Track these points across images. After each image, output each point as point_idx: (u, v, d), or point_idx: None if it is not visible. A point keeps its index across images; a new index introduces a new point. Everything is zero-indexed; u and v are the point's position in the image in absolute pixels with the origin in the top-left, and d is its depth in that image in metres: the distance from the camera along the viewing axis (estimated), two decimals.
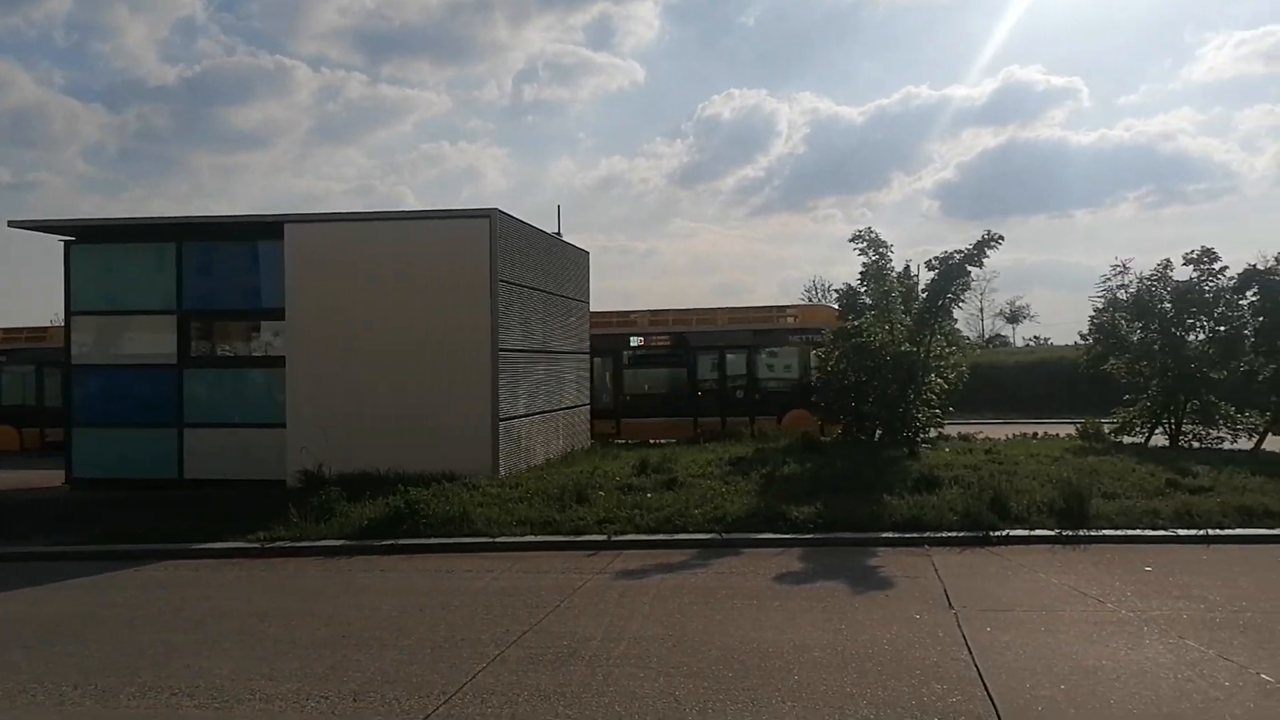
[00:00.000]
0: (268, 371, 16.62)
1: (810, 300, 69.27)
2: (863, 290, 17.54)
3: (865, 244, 17.14)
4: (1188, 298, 18.00)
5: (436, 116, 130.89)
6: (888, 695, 5.86)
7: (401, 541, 11.39)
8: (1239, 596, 8.24)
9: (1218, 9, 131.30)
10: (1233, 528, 10.91)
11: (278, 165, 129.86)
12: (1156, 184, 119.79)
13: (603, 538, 11.22)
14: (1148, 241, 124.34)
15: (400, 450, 15.10)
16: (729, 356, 24.69)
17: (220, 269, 17.16)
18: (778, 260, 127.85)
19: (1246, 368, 16.58)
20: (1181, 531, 10.82)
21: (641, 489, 13.39)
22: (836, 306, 19.50)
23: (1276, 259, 16.10)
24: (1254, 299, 16.40)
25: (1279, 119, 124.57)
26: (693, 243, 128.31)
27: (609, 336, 24.57)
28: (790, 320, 25.16)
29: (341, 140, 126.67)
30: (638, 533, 11.35)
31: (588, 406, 21.30)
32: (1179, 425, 18.28)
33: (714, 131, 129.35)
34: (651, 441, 22.55)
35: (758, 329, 24.84)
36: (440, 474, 14.19)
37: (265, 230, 16.58)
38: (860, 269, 17.26)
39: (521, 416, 16.78)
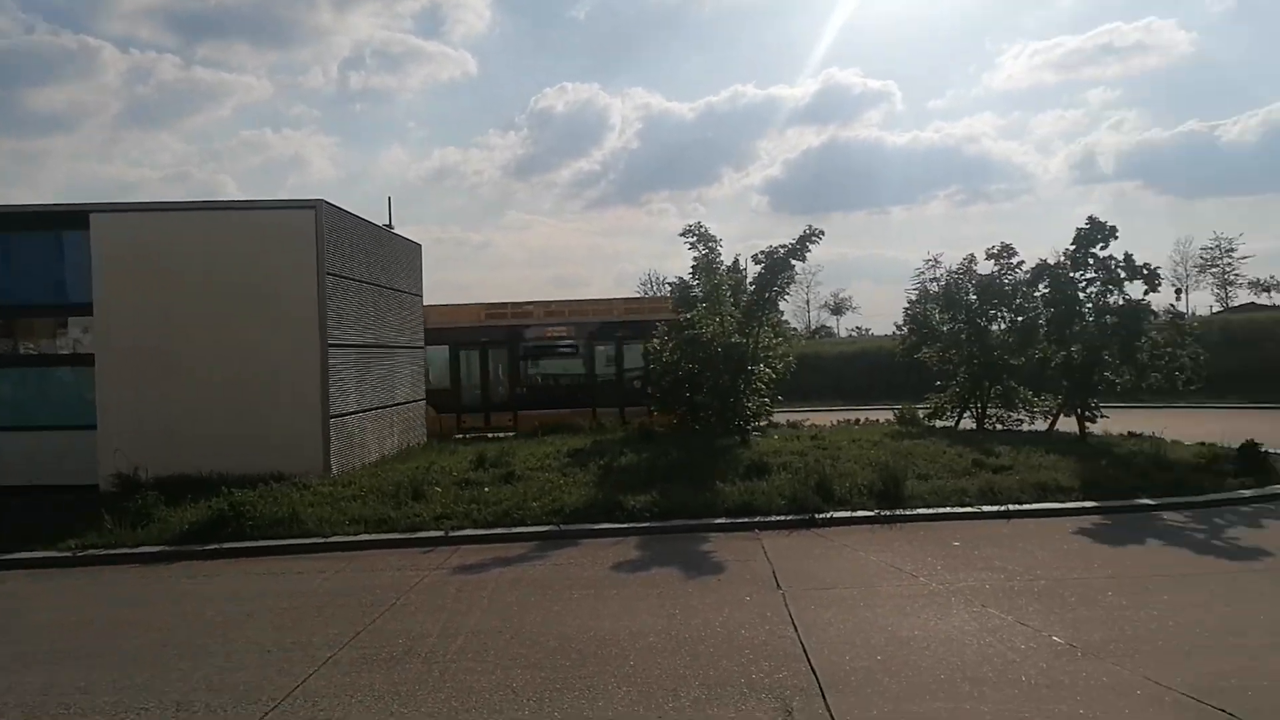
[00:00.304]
0: (76, 370, 15.57)
1: (645, 294, 70.24)
2: (694, 283, 17.97)
3: (696, 238, 17.56)
4: (990, 290, 19.31)
5: (258, 102, 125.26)
6: (719, 675, 6.09)
7: (227, 545, 10.93)
8: (1034, 566, 8.96)
9: (1013, 21, 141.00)
10: (1030, 503, 11.83)
11: (83, 150, 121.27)
12: (963, 183, 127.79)
13: (440, 533, 11.11)
14: (956, 237, 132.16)
15: (224, 452, 14.47)
16: (624, 347, 24.41)
17: (21, 261, 15.94)
18: (613, 253, 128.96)
19: (1041, 355, 17.93)
20: (986, 508, 11.64)
21: (479, 483, 13.32)
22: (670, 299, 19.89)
23: (1064, 254, 17.48)
24: (1046, 291, 17.74)
25: (1069, 124, 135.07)
26: (528, 235, 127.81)
27: (505, 328, 24.39)
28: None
29: (154, 124, 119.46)
30: (475, 527, 11.30)
31: (423, 401, 20.95)
32: (984, 409, 19.60)
33: (547, 124, 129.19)
34: (493, 436, 22.29)
35: (648, 319, 24.34)
36: (268, 475, 13.69)
37: (70, 220, 15.51)
38: (692, 263, 17.68)
39: (354, 413, 16.36)
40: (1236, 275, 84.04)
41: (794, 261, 16.73)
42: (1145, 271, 16.58)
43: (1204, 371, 16.56)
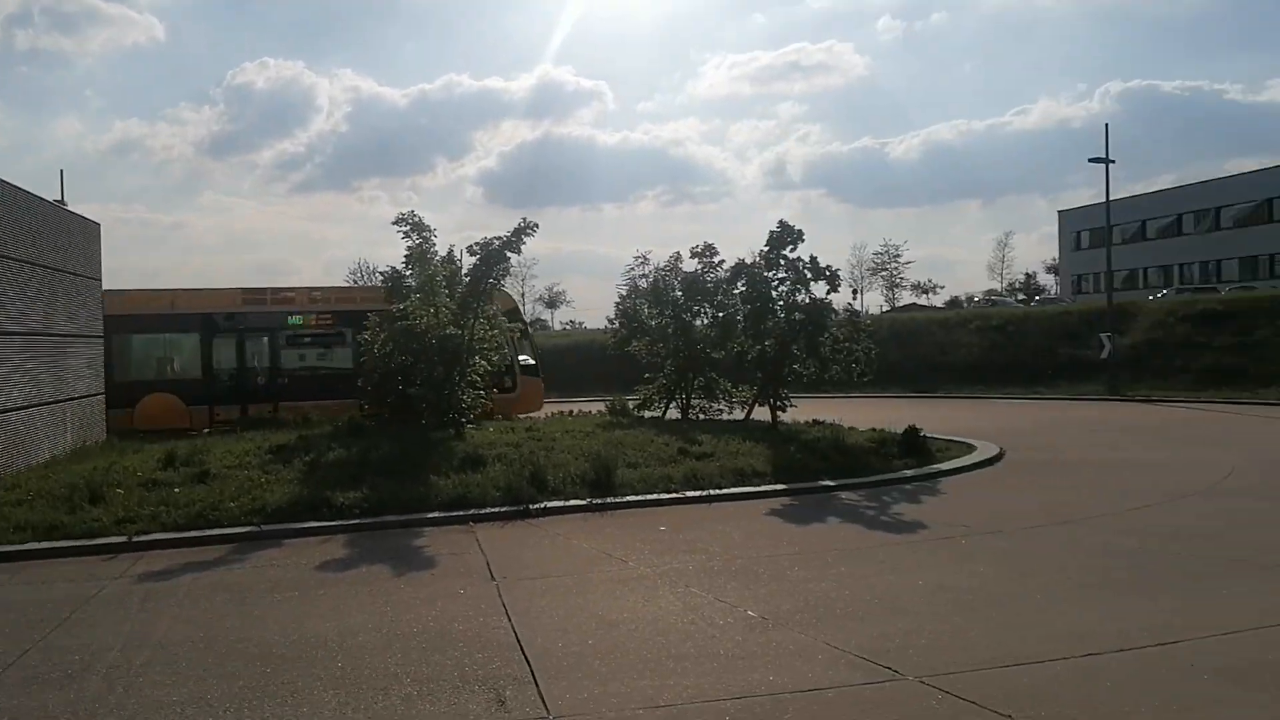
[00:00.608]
0: None
1: (355, 282, 67.75)
2: (408, 274, 17.56)
3: (410, 227, 17.16)
4: (694, 287, 20.36)
5: None
6: (431, 670, 6.03)
7: None
8: (732, 547, 9.59)
9: (714, 33, 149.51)
10: (729, 487, 12.63)
11: None
12: (670, 184, 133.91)
13: (122, 539, 10.15)
14: (664, 235, 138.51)
15: None
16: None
17: None
18: (322, 240, 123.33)
19: (739, 348, 19.15)
20: (690, 493, 12.30)
21: (169, 484, 12.28)
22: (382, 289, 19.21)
23: (759, 255, 18.79)
24: (743, 289, 18.97)
25: (763, 134, 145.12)
26: (228, 218, 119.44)
27: (264, 314, 22.65)
28: None
29: None
30: (164, 531, 10.43)
31: (102, 396, 19.00)
32: (689, 399, 20.66)
33: (247, 101, 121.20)
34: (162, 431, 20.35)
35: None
36: None
37: None
38: (405, 252, 17.25)
39: (18, 409, 14.56)
40: (901, 278, 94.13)
41: (509, 254, 16.78)
42: (827, 273, 18.15)
43: (875, 365, 18.40)
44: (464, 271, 17.21)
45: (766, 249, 18.60)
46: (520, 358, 24.12)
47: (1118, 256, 53.11)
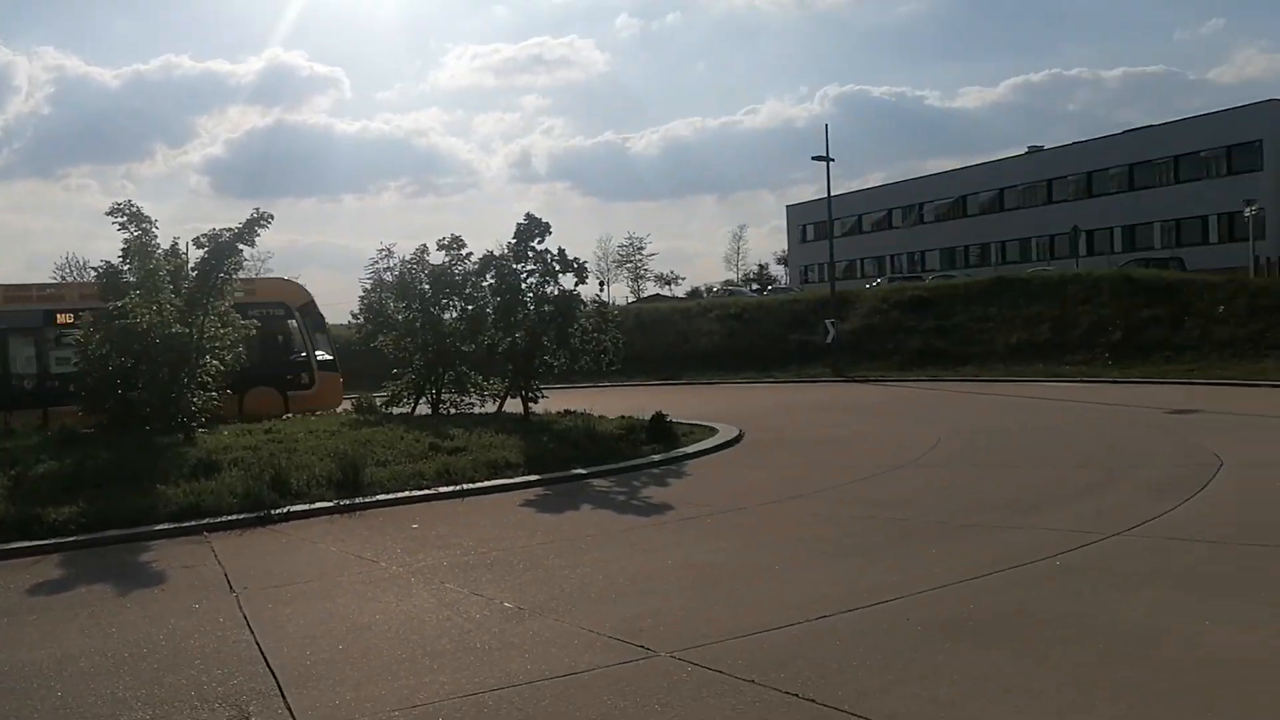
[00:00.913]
0: None
1: (64, 278, 61.40)
2: (126, 269, 16.14)
3: (126, 218, 15.78)
4: (442, 280, 20.05)
5: None
6: (165, 692, 5.62)
7: None
8: (487, 539, 9.57)
9: (456, 24, 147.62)
10: (483, 481, 12.57)
11: None
12: (414, 175, 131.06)
13: None
14: (409, 227, 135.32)
15: None
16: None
17: None
18: (23, 232, 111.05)
19: (489, 341, 19.06)
20: (443, 489, 12.13)
21: None
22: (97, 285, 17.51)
23: (507, 247, 18.79)
24: (492, 281, 18.90)
25: (508, 126, 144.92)
26: None
27: (29, 312, 20.68)
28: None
29: None
30: None
31: None
32: (439, 394, 20.35)
33: None
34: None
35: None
36: None
37: None
38: (123, 245, 15.86)
39: None
40: (646, 270, 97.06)
41: (241, 246, 15.83)
42: (575, 265, 18.45)
43: (622, 353, 18.91)
44: (191, 266, 16.05)
45: (514, 241, 18.63)
46: (318, 353, 23.54)
47: (838, 248, 57.33)
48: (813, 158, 40.00)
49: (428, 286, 20.31)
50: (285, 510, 10.96)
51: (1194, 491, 10.34)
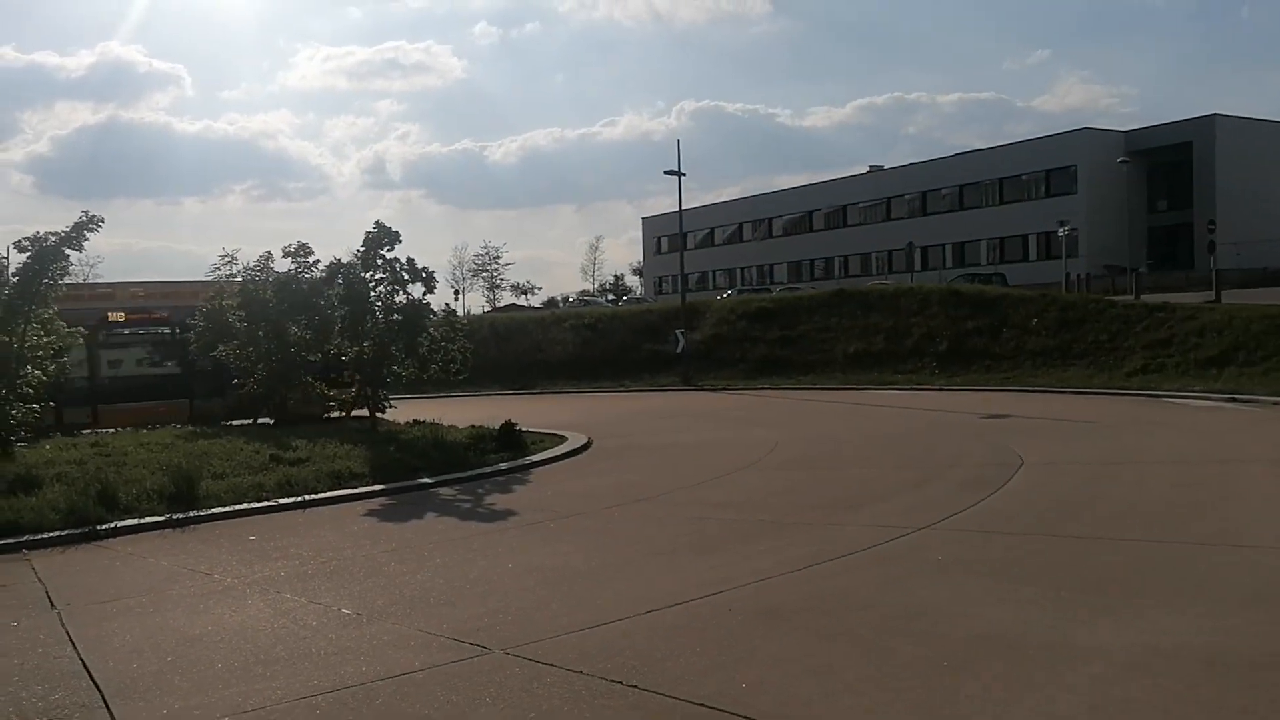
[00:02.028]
0: None
1: None
2: None
3: None
4: (289, 288, 19.64)
5: None
6: None
7: None
8: (328, 549, 9.54)
9: (306, 24, 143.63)
10: (326, 491, 12.45)
11: None
12: (261, 179, 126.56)
13: None
14: (256, 233, 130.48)
15: None
16: None
17: None
18: None
19: (336, 350, 18.77)
20: (284, 500, 11.96)
21: None
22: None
23: (357, 255, 18.56)
24: (340, 289, 18.63)
25: (361, 131, 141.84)
26: None
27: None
28: None
29: None
30: None
31: None
32: (284, 404, 19.88)
33: None
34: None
35: None
36: None
37: None
38: None
39: None
40: (502, 279, 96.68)
41: (68, 251, 15.13)
42: (424, 274, 18.43)
43: (470, 362, 18.97)
44: (12, 271, 15.22)
45: (363, 249, 18.42)
46: None
47: (692, 260, 58.80)
48: (665, 172, 40.86)
49: (272, 295, 19.84)
50: (113, 526, 10.59)
51: (996, 488, 11.25)
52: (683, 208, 41.69)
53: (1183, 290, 35.36)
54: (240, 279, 20.92)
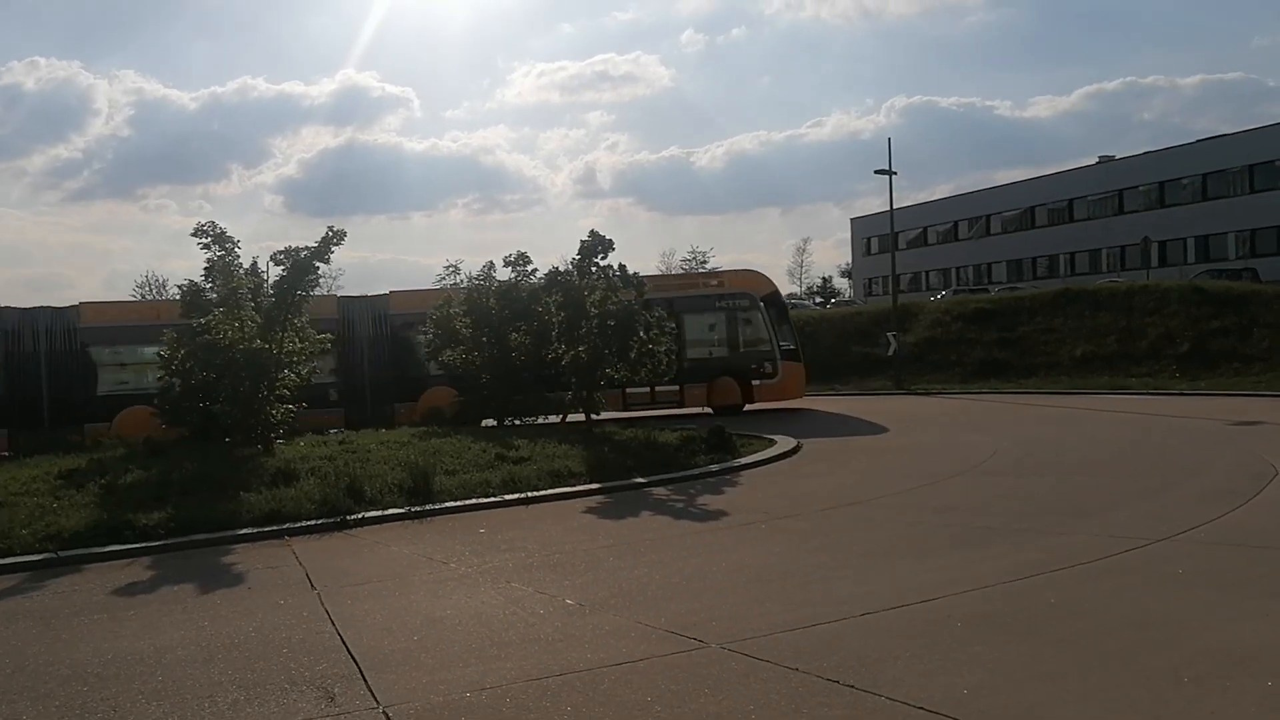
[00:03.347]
0: None
1: (143, 297, 63.93)
2: (208, 286, 17.00)
3: (210, 238, 16.62)
4: (510, 296, 20.69)
5: None
6: (256, 676, 6.15)
7: None
8: (550, 543, 10.02)
9: (522, 41, 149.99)
10: (546, 489, 13.04)
11: None
12: (481, 192, 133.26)
13: None
14: (476, 243, 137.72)
15: None
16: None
17: None
18: (104, 252, 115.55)
19: (553, 355, 19.57)
20: (509, 497, 12.63)
21: None
22: (179, 301, 18.36)
23: (571, 263, 19.33)
24: (558, 296, 19.41)
25: (573, 142, 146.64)
26: None
27: None
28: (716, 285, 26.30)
29: None
30: None
31: None
32: (508, 407, 20.93)
33: (16, 103, 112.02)
34: None
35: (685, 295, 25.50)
36: None
37: None
38: (205, 264, 16.71)
39: None
40: None
41: (317, 264, 16.57)
42: (635, 280, 18.91)
43: (675, 365, 19.35)
44: (269, 283, 16.84)
45: (578, 258, 19.14)
46: (781, 343, 25.50)
47: (902, 261, 57.07)
48: (875, 171, 39.97)
49: (494, 302, 20.93)
50: (360, 516, 11.55)
51: (1246, 499, 10.37)
52: (894, 206, 40.66)
53: None
54: (465, 287, 22.17)
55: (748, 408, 25.14)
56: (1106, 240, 62.36)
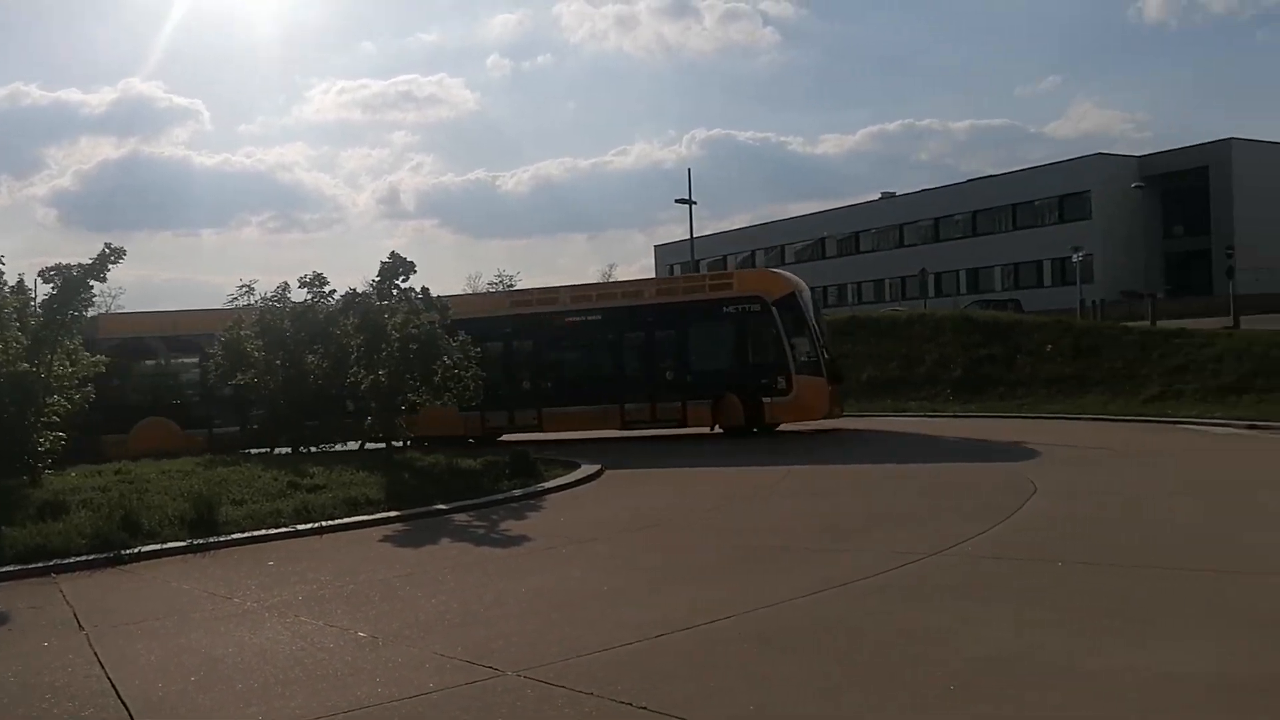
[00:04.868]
0: None
1: None
2: None
3: None
4: (305, 318, 19.97)
5: None
6: None
7: None
8: (344, 574, 9.73)
9: (323, 58, 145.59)
10: (342, 517, 12.64)
11: None
12: (278, 210, 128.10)
13: None
14: (272, 263, 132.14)
15: None
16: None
17: None
18: None
19: (352, 380, 18.99)
20: (300, 526, 12.15)
21: None
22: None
23: (372, 285, 18.85)
24: (355, 319, 18.88)
25: (375, 162, 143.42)
26: None
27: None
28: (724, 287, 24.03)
29: None
30: None
31: None
32: (301, 434, 20.14)
33: None
34: None
35: (692, 300, 23.36)
36: None
37: None
38: None
39: None
40: None
41: (92, 282, 15.46)
42: (439, 304, 18.67)
43: (483, 390, 19.16)
44: (38, 302, 15.58)
45: (379, 279, 18.72)
46: (797, 354, 21.96)
47: None
48: (676, 200, 41.22)
49: (289, 324, 20.16)
50: (136, 550, 10.81)
51: (1010, 514, 11.32)
52: (694, 235, 42.04)
53: (1200, 316, 35.21)
54: (259, 309, 21.24)
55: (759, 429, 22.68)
56: (889, 271, 66.73)
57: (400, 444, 19.09)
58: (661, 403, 22.78)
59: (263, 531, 11.84)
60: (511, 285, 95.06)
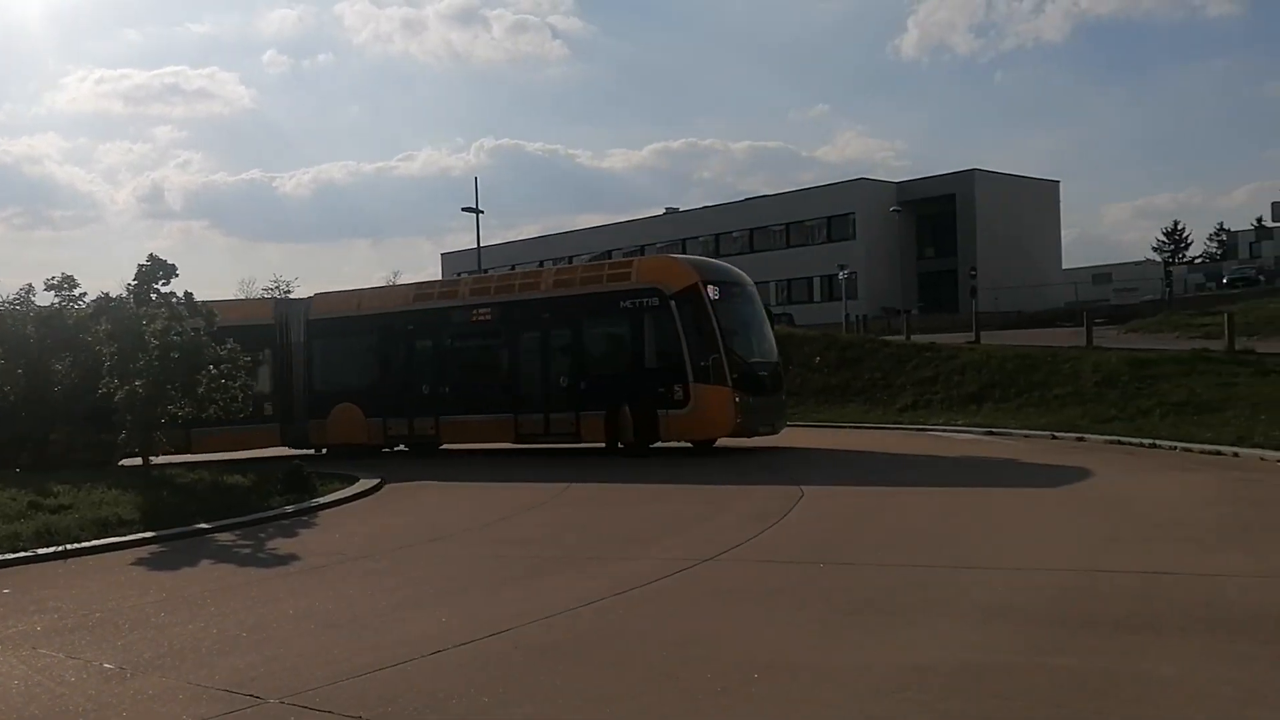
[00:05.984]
0: None
1: None
2: None
3: None
4: (51, 324, 18.30)
5: None
6: None
7: None
8: (91, 601, 8.96)
9: (79, 44, 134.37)
10: (90, 540, 11.64)
11: None
12: (24, 205, 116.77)
13: None
14: (18, 262, 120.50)
15: None
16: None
17: None
18: None
19: (105, 390, 17.52)
20: (42, 551, 11.10)
21: None
22: None
23: (128, 289, 17.47)
24: (108, 326, 17.43)
25: (137, 157, 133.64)
26: None
27: None
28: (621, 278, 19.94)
29: None
30: None
31: None
32: (45, 449, 18.40)
33: None
34: None
35: (587, 293, 20.05)
36: None
37: None
38: None
39: None
40: None
41: None
42: (204, 310, 17.55)
43: (250, 402, 18.20)
44: None
45: (136, 283, 17.39)
46: (695, 357, 18.14)
47: None
48: (463, 209, 40.73)
49: (33, 330, 18.43)
50: None
51: (778, 519, 11.90)
52: (482, 245, 41.71)
53: (948, 331, 38.30)
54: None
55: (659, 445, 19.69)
56: None
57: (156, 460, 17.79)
58: (555, 413, 19.98)
59: None
60: (288, 292, 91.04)
